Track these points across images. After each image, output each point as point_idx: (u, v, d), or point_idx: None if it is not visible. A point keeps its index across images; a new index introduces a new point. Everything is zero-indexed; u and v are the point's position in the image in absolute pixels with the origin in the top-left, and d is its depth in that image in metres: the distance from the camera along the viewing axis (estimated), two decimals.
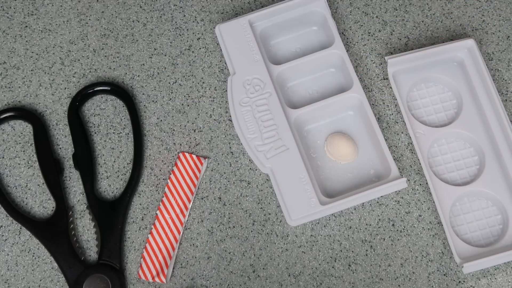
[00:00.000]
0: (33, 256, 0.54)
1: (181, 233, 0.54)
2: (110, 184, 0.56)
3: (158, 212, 0.55)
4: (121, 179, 0.56)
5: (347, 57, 0.58)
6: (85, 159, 0.56)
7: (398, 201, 0.55)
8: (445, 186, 0.55)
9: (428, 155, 0.56)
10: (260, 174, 0.56)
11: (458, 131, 0.57)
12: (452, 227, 0.54)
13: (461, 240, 0.53)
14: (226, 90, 0.59)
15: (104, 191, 0.56)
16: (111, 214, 0.54)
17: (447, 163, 0.57)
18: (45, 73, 0.60)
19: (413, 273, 0.53)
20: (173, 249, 0.54)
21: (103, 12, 0.62)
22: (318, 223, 0.55)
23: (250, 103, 0.57)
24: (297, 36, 0.61)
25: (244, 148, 0.56)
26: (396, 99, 0.58)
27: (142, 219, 0.55)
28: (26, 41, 0.61)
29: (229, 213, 0.55)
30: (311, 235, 0.54)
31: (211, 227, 0.55)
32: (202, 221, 0.55)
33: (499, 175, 0.55)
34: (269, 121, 0.56)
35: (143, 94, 0.59)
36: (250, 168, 0.56)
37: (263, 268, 0.54)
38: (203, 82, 0.59)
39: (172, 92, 0.59)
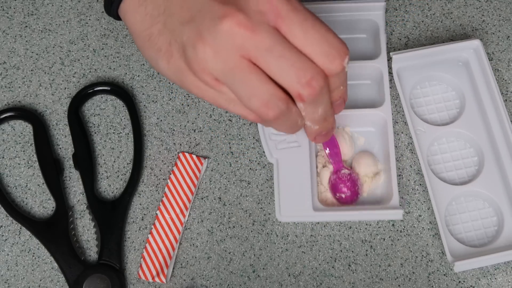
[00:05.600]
0: (33, 256, 0.54)
1: (181, 233, 0.54)
2: (110, 184, 0.56)
3: (158, 212, 0.55)
4: (121, 179, 0.56)
5: (386, 74, 0.57)
6: (85, 159, 0.56)
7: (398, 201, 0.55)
8: (443, 185, 0.55)
9: (427, 153, 0.56)
10: (260, 174, 0.56)
11: (459, 131, 0.57)
12: (446, 226, 0.54)
13: (455, 239, 0.53)
14: None
15: (104, 191, 0.56)
16: (111, 214, 0.54)
17: (446, 162, 0.56)
18: (45, 73, 0.60)
19: (413, 273, 0.53)
20: (173, 249, 0.54)
21: (103, 12, 0.62)
22: (318, 223, 0.55)
23: None
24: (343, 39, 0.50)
25: (258, 132, 0.56)
26: (397, 98, 0.58)
27: (142, 219, 0.55)
28: (26, 41, 0.61)
29: (229, 213, 0.55)
30: (311, 235, 0.54)
31: (211, 227, 0.55)
32: (202, 221, 0.55)
33: (498, 177, 0.55)
34: None
35: (143, 94, 0.59)
36: (250, 168, 0.56)
37: (263, 268, 0.54)
38: None
39: (172, 92, 0.59)
